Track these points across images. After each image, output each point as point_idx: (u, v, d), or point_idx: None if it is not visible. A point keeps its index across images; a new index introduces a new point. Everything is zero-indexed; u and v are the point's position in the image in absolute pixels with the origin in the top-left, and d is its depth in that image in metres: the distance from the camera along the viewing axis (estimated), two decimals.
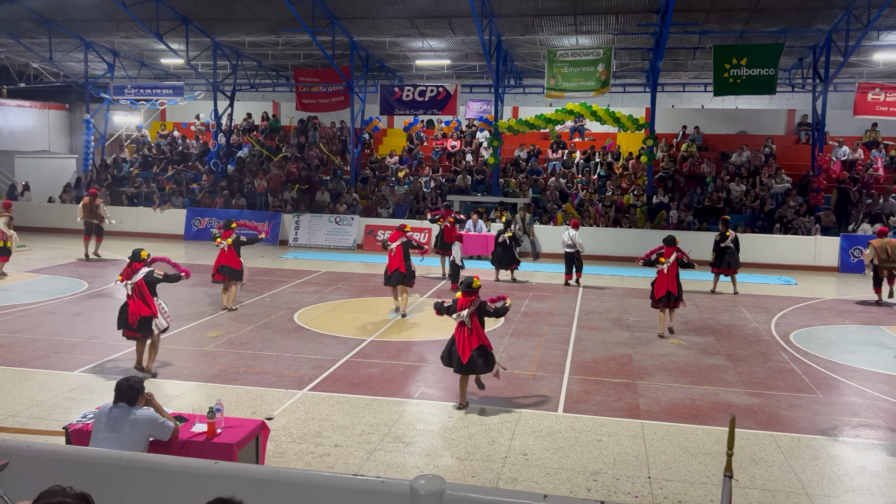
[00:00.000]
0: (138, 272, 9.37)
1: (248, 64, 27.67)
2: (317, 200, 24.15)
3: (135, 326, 9.27)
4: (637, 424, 8.06)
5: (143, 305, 9.25)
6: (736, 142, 25.09)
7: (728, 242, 16.08)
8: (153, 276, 9.44)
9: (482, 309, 8.53)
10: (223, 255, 13.18)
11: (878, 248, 15.23)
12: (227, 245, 13.16)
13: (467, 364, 8.37)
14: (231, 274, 13.20)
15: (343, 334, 11.76)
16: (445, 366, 8.73)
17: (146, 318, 9.24)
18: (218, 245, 13.28)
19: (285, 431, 7.61)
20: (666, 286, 11.99)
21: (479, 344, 8.44)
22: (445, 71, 27.83)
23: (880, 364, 10.76)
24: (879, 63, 23.67)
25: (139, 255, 9.53)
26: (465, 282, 8.63)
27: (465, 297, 8.51)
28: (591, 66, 21.13)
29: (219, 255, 13.23)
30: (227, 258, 13.18)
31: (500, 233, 17.27)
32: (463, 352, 8.36)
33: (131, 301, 9.27)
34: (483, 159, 25.25)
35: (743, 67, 20.22)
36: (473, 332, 8.42)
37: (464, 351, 8.36)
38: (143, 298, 9.26)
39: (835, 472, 6.99)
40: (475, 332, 8.43)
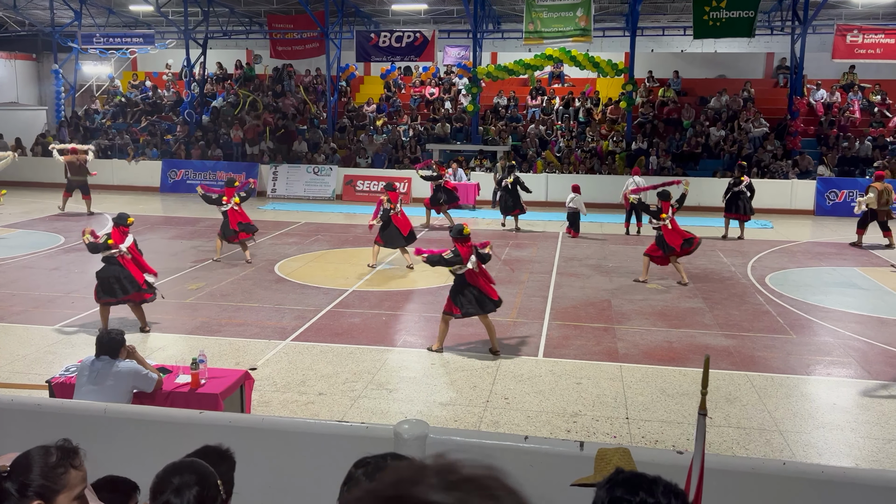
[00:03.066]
0: (128, 235, 9.22)
1: (221, 10, 26.94)
2: (294, 150, 23.87)
3: (145, 288, 9.17)
4: (616, 367, 8.22)
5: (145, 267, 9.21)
6: (715, 86, 25.02)
7: (742, 187, 16.14)
8: None
9: (478, 253, 8.64)
10: (235, 214, 13.03)
11: (879, 191, 15.17)
12: (235, 204, 13.04)
13: (499, 299, 8.75)
14: (251, 229, 13.24)
15: (324, 285, 11.79)
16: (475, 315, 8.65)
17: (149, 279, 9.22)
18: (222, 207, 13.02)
19: (269, 381, 7.68)
20: (678, 238, 11.92)
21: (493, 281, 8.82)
22: (422, 16, 27.32)
23: (853, 305, 11.00)
24: (858, 4, 23.56)
25: (126, 220, 9.31)
26: (455, 229, 8.71)
27: (464, 244, 8.56)
28: (570, 10, 20.84)
29: (231, 216, 12.98)
30: (240, 216, 13.11)
31: (503, 178, 17.14)
32: (490, 291, 8.62)
33: (130, 265, 9.10)
34: (462, 107, 25.01)
35: (723, 10, 20.03)
36: (484, 271, 8.68)
37: (490, 290, 8.64)
38: (137, 262, 9.18)
39: (807, 409, 7.20)
40: (484, 271, 8.69)
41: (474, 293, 8.53)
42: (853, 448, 6.42)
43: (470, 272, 8.51)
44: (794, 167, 20.83)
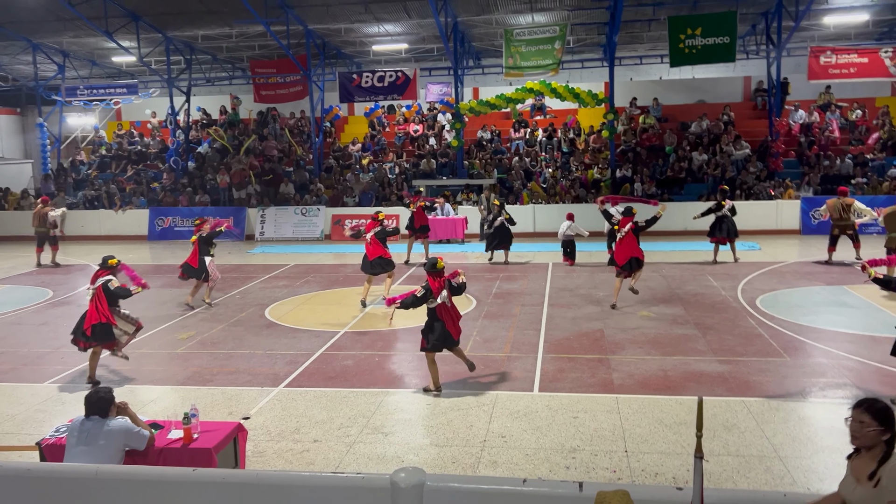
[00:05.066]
0: (99, 279, 9.22)
1: (203, 58, 27.21)
2: (281, 193, 23.93)
3: (88, 334, 9.11)
4: (612, 399, 8.18)
5: (97, 313, 9.10)
6: (695, 111, 25.37)
7: (725, 211, 16.27)
8: (107, 286, 9.20)
9: (450, 286, 8.69)
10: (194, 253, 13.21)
11: (830, 207, 15.68)
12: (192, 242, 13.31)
13: (458, 337, 8.77)
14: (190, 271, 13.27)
15: (316, 327, 11.73)
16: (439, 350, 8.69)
17: (101, 325, 9.10)
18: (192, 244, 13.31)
19: (263, 430, 7.59)
20: (628, 253, 12.23)
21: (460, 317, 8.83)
22: (403, 55, 27.66)
23: (844, 324, 11.03)
24: (830, 26, 24.04)
25: (105, 263, 9.36)
26: (430, 263, 8.72)
27: (436, 279, 8.58)
28: (549, 43, 21.17)
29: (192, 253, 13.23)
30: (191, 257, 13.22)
31: (496, 216, 17.21)
32: (452, 329, 8.61)
33: (91, 307, 9.11)
34: (446, 142, 25.22)
35: (698, 37, 20.37)
36: (454, 307, 8.70)
37: (453, 328, 8.63)
38: (98, 306, 9.10)
39: (805, 433, 7.18)
40: (454, 306, 8.72)
41: (440, 328, 8.55)
42: None
43: (440, 307, 8.53)
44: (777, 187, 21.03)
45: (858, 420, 3.60)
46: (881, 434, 3.54)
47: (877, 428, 3.54)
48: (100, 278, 9.23)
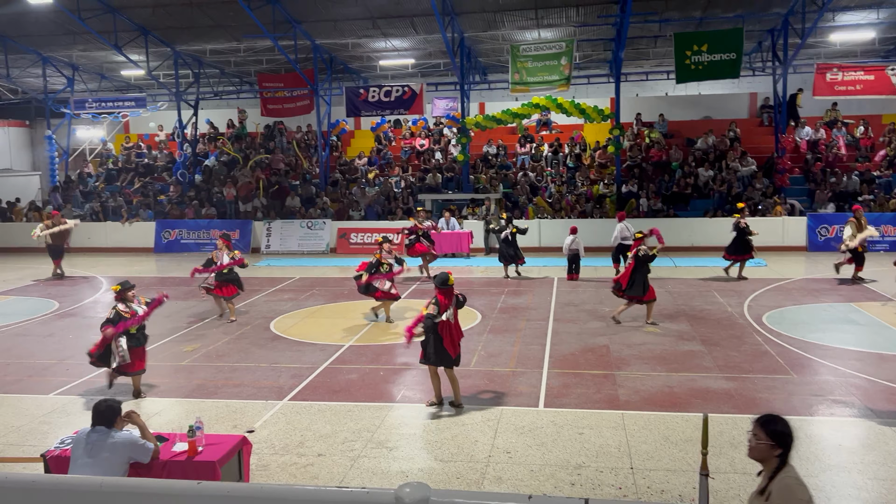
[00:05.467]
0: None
1: (211, 72, 27.40)
2: (287, 206, 24.00)
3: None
4: (617, 415, 8.14)
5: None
6: (701, 127, 25.39)
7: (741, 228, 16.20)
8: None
9: (457, 302, 8.65)
10: None
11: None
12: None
13: (456, 358, 8.61)
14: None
15: (321, 341, 11.72)
16: (435, 365, 8.63)
17: None
18: None
19: (267, 443, 7.57)
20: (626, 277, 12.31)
21: (461, 337, 8.74)
22: (410, 70, 27.80)
23: (851, 341, 10.97)
24: (836, 43, 24.10)
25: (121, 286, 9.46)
26: (440, 278, 8.62)
27: (445, 294, 8.53)
28: (555, 59, 21.24)
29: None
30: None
31: (502, 229, 17.24)
32: (450, 348, 8.49)
33: None
34: (452, 156, 25.28)
35: (704, 53, 20.43)
36: (457, 325, 8.62)
37: (455, 345, 8.55)
38: None
39: (812, 451, 7.12)
40: (458, 325, 8.66)
41: (438, 344, 8.45)
42: (861, 490, 6.34)
43: (442, 323, 8.46)
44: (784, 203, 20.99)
45: (753, 433, 3.77)
46: (772, 449, 3.70)
47: (767, 442, 3.69)
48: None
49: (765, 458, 3.73)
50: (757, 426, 3.77)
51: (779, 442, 3.70)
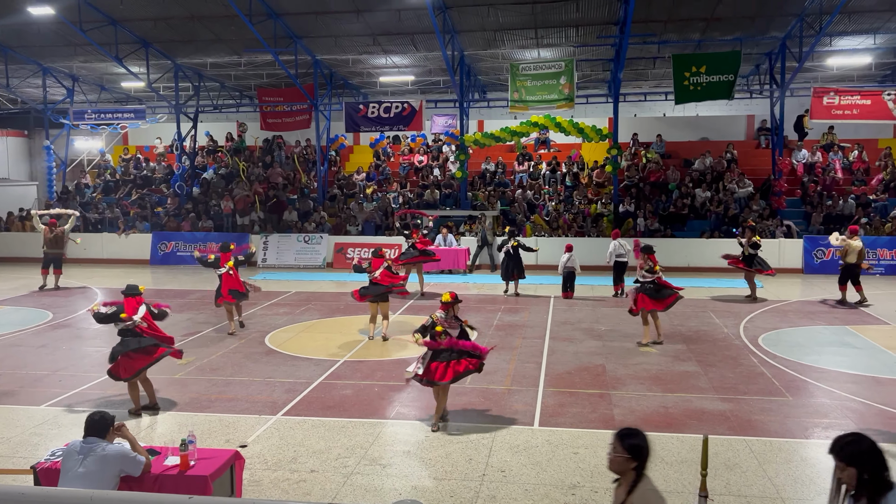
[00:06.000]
0: (141, 305, 9.18)
1: (211, 85, 27.49)
2: (284, 220, 24.00)
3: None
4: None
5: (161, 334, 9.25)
6: (698, 148, 25.51)
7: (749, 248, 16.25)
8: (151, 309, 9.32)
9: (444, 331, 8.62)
10: (229, 279, 13.24)
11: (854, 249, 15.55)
12: (229, 268, 13.26)
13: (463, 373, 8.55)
14: (239, 296, 13.34)
15: (316, 356, 11.67)
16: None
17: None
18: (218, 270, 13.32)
19: (260, 459, 7.51)
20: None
21: None
22: (410, 87, 27.92)
23: (847, 364, 10.96)
24: (833, 67, 24.29)
25: (136, 290, 9.33)
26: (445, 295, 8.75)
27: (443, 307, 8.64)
28: (554, 78, 21.38)
29: (224, 280, 13.22)
30: (234, 281, 13.26)
31: (504, 242, 17.26)
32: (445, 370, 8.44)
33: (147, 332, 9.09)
34: (450, 173, 25.34)
35: (702, 75, 20.56)
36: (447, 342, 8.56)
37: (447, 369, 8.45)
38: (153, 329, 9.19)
39: (808, 474, 7.09)
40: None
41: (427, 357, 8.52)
42: None
43: None
44: (780, 225, 21.06)
45: (612, 446, 3.85)
46: (628, 462, 3.77)
47: (623, 455, 3.77)
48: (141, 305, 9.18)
49: (623, 471, 3.85)
50: (615, 439, 3.88)
51: (634, 455, 3.81)
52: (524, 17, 19.89)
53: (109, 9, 20.20)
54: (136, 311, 9.05)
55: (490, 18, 20.01)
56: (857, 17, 19.55)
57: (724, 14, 19.55)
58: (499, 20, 20.15)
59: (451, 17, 20.01)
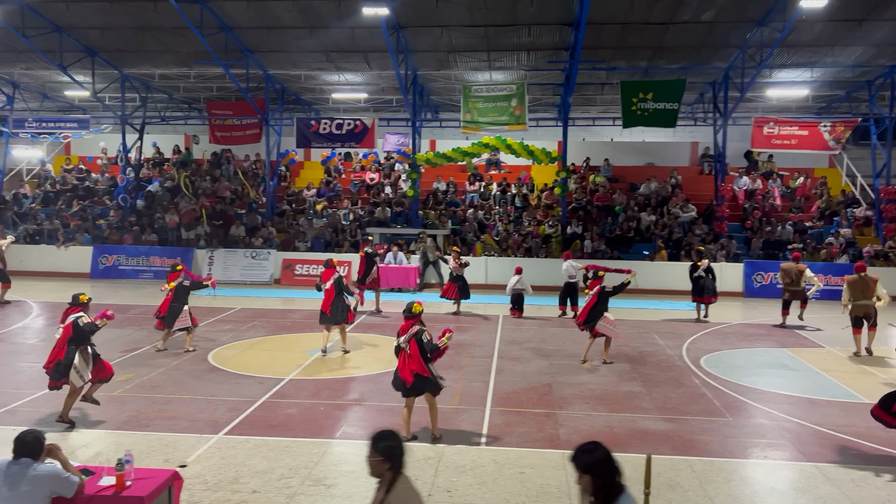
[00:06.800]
0: (70, 316, 8.89)
1: (159, 96, 27.02)
2: (231, 235, 23.63)
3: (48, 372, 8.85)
4: (559, 455, 8.14)
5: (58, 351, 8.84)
6: (644, 173, 26.09)
7: (700, 272, 16.58)
8: (78, 322, 8.90)
9: (419, 337, 8.51)
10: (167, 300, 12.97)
11: (785, 272, 16.11)
12: (170, 290, 12.97)
13: (411, 387, 8.44)
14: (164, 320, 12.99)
15: (260, 374, 11.46)
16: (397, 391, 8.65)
17: (60, 364, 8.80)
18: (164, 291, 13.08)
19: (200, 479, 7.32)
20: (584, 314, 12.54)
21: (418, 370, 8.42)
22: (362, 104, 27.95)
23: (784, 385, 11.27)
24: (773, 99, 25.23)
25: (76, 300, 9.06)
26: (406, 307, 8.64)
27: (406, 322, 8.53)
28: (505, 101, 21.68)
29: (165, 301, 12.96)
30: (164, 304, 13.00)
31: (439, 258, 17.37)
32: (404, 377, 8.42)
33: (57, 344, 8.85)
34: (402, 191, 25.36)
35: (649, 101, 21.12)
36: (413, 357, 8.45)
37: (405, 376, 8.43)
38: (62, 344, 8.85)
39: (747, 494, 7.24)
40: (414, 357, 8.46)
41: (395, 371, 8.51)
42: None
43: (402, 351, 8.45)
44: (721, 249, 21.63)
45: (368, 453, 4.05)
46: (382, 464, 3.99)
47: (378, 459, 3.99)
48: (70, 315, 8.91)
49: (380, 473, 4.02)
50: (370, 444, 4.06)
51: (387, 457, 3.99)
52: (477, 39, 20.15)
53: (55, 16, 19.73)
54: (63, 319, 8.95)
55: (443, 39, 20.21)
56: (796, 50, 20.37)
57: (671, 43, 20.15)
58: (452, 42, 20.36)
59: (405, 36, 20.13)
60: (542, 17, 18.67)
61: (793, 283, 16.01)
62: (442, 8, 18.21)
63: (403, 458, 4.07)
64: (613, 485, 3.72)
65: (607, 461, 3.75)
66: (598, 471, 3.72)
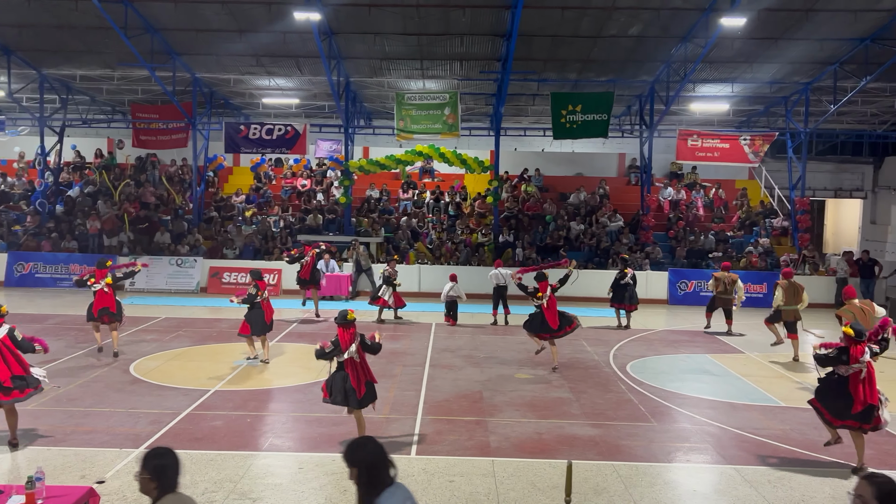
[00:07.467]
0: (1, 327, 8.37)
1: (80, 98, 26.04)
2: (156, 242, 22.94)
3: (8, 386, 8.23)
4: (488, 462, 8.18)
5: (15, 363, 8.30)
6: (573, 183, 26.60)
7: (627, 279, 16.88)
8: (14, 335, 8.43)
9: (363, 342, 8.48)
10: (102, 296, 12.56)
11: (717, 280, 16.59)
12: (105, 285, 12.57)
13: (363, 398, 8.37)
14: (113, 316, 12.70)
15: (185, 385, 11.14)
16: (340, 405, 8.46)
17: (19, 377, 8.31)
18: (92, 286, 12.59)
19: (119, 495, 7.05)
20: (556, 317, 12.54)
21: (368, 378, 8.46)
22: (294, 110, 27.59)
23: (706, 390, 11.63)
24: (696, 112, 26.11)
25: None
26: (340, 315, 8.46)
27: (346, 331, 8.36)
28: (438, 109, 21.78)
29: (97, 298, 12.54)
30: (107, 299, 12.60)
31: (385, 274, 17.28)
32: (358, 387, 8.31)
33: None
34: (334, 198, 25.12)
35: (578, 113, 21.53)
36: (364, 365, 8.43)
37: (359, 386, 8.33)
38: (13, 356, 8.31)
39: (669, 497, 7.42)
40: (365, 365, 8.45)
41: (343, 382, 8.32)
42: None
43: (347, 361, 8.32)
44: (646, 258, 22.21)
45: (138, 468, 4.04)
46: (150, 482, 3.99)
47: (145, 476, 4.00)
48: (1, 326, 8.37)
49: (147, 491, 4.00)
50: (140, 462, 4.04)
51: (154, 475, 3.98)
52: (410, 48, 20.18)
53: None
54: None
55: (376, 47, 20.16)
56: (717, 66, 21.14)
57: (599, 57, 20.62)
58: (385, 49, 20.33)
59: (338, 42, 20.00)
60: (475, 27, 18.85)
61: (725, 291, 16.54)
62: (375, 15, 18.17)
63: (175, 477, 4.03)
64: (381, 479, 3.89)
65: (375, 455, 3.92)
66: (365, 465, 3.89)
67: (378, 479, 3.89)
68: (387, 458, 3.95)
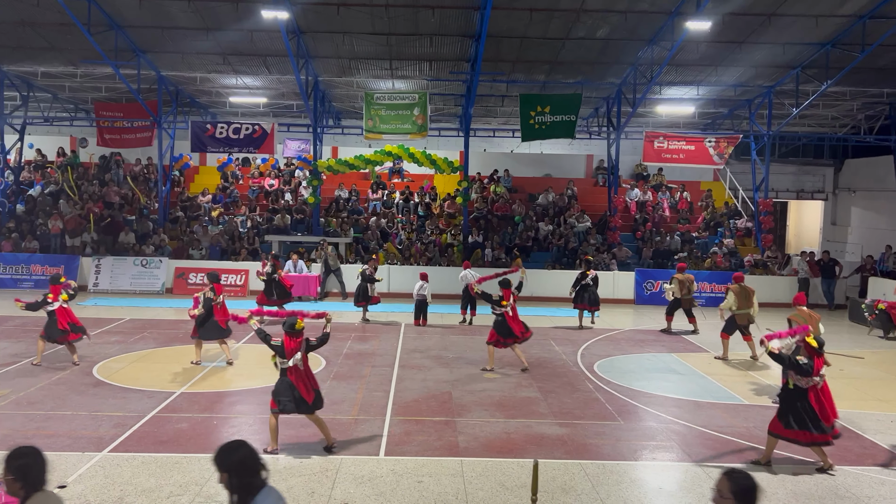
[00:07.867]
0: None
1: (42, 96, 25.52)
2: (120, 242, 22.57)
3: None
4: (456, 462, 8.19)
5: None
6: (542, 184, 26.76)
7: (588, 280, 17.00)
8: None
9: (308, 347, 8.48)
10: (63, 313, 12.24)
11: (680, 283, 16.76)
12: (63, 301, 12.29)
13: (314, 403, 8.35)
14: (79, 329, 12.43)
15: (149, 387, 10.98)
16: (292, 413, 8.37)
17: None
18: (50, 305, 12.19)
19: (81, 499, 6.93)
20: (519, 322, 12.62)
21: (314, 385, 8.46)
22: (261, 109, 27.36)
23: (672, 389, 11.78)
24: (662, 114, 26.44)
25: None
26: (288, 322, 8.41)
27: (293, 339, 8.31)
28: (408, 109, 21.76)
29: (59, 315, 12.17)
30: (69, 315, 12.32)
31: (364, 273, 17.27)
32: (307, 394, 8.28)
33: None
34: (303, 198, 24.96)
35: (547, 114, 21.68)
36: (308, 372, 8.43)
37: (308, 392, 8.30)
38: None
39: (636, 495, 7.50)
40: (309, 372, 8.46)
41: (290, 390, 8.27)
42: None
43: (291, 369, 8.29)
44: (612, 259, 22.44)
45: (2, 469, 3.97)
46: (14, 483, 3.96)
47: (9, 477, 3.95)
48: None
49: (15, 493, 3.97)
50: (4, 463, 4.00)
51: (17, 475, 3.94)
52: (379, 47, 20.12)
53: None
54: None
55: (345, 46, 20.07)
56: (683, 69, 21.43)
57: (567, 59, 20.77)
58: (354, 49, 20.25)
59: (306, 41, 19.87)
60: (444, 28, 18.86)
61: (688, 292, 16.75)
62: (343, 15, 18.08)
63: (41, 475, 4.00)
64: (253, 482, 3.90)
65: (246, 459, 3.93)
66: (235, 469, 3.90)
67: (251, 483, 3.91)
68: (259, 461, 3.96)
